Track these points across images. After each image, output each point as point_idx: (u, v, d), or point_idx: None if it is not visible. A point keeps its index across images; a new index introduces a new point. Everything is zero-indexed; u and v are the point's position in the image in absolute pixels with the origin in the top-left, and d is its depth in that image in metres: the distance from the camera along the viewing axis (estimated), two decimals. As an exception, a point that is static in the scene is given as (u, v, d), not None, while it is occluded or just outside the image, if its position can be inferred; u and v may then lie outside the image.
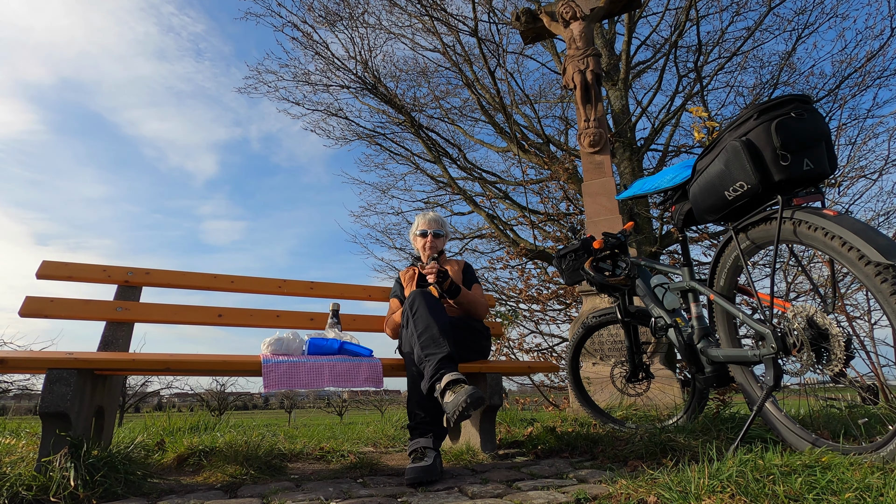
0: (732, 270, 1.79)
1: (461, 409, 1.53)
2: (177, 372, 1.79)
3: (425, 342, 1.81)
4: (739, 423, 2.03)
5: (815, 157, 1.44)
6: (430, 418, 1.81)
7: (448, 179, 8.84)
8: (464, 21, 8.25)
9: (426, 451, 1.70)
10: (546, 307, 6.97)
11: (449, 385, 1.63)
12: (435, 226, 2.64)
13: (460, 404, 1.54)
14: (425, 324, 1.87)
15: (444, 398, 1.62)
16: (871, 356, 2.90)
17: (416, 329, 1.87)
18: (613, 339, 3.55)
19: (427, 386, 1.72)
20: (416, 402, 1.84)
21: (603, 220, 3.98)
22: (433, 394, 1.70)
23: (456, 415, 1.54)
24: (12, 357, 1.53)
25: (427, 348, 1.79)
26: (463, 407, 1.53)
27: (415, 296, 1.99)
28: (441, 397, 1.64)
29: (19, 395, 8.82)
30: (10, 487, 1.33)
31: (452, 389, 1.61)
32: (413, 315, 1.92)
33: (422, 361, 1.79)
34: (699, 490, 1.10)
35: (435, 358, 1.74)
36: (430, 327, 1.85)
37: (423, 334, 1.84)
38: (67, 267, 2.12)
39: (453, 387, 1.62)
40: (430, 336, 1.83)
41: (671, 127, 8.20)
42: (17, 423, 2.99)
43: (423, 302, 1.95)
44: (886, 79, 7.14)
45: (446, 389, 1.63)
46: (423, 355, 1.79)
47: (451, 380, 1.64)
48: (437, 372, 1.70)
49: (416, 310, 1.93)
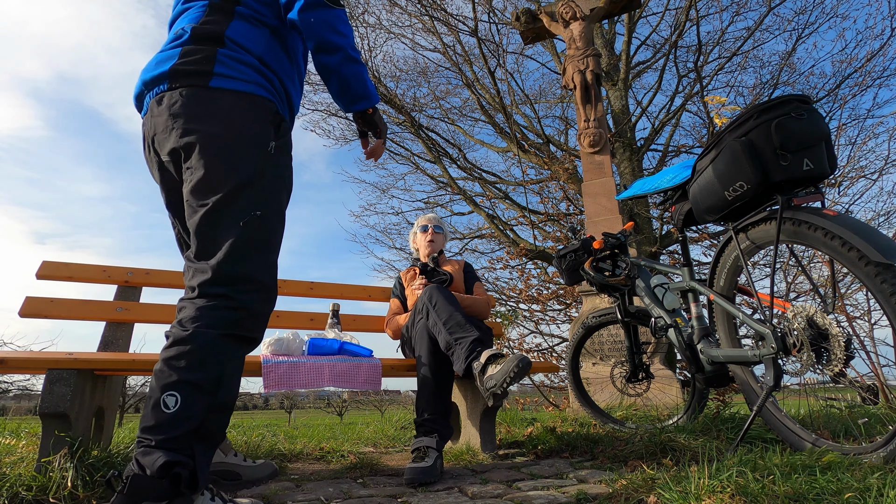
0: (732, 270, 1.79)
1: (512, 374, 1.59)
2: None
3: (452, 328, 1.85)
4: (739, 423, 2.03)
5: (814, 157, 1.44)
6: (437, 417, 1.83)
7: (448, 179, 8.85)
8: (464, 21, 8.25)
9: (428, 450, 1.71)
10: (546, 307, 6.97)
11: (490, 359, 1.68)
12: (436, 222, 2.68)
13: (511, 370, 1.59)
14: (448, 312, 1.91)
15: (486, 372, 1.66)
16: (871, 356, 2.91)
17: (440, 317, 1.89)
18: (613, 339, 3.55)
19: (463, 366, 1.75)
20: (426, 400, 1.85)
21: (603, 220, 3.98)
22: (470, 372, 1.73)
23: (507, 381, 1.59)
24: (12, 357, 1.53)
25: (455, 332, 1.83)
26: (515, 372, 1.59)
27: (432, 289, 2.02)
28: (481, 374, 1.68)
29: (19, 396, 8.82)
30: (10, 488, 1.33)
31: (496, 362, 1.66)
32: (434, 306, 1.95)
33: (450, 346, 1.82)
34: (699, 490, 1.10)
35: (467, 340, 1.79)
36: (454, 315, 1.90)
37: (448, 321, 1.87)
38: (67, 267, 2.12)
39: (496, 360, 1.67)
40: (457, 322, 1.87)
41: (671, 127, 8.21)
42: (17, 423, 3.00)
43: (441, 294, 2.00)
44: (886, 79, 7.15)
45: (487, 364, 1.67)
46: (451, 340, 1.82)
47: (492, 354, 1.69)
48: (473, 351, 1.75)
49: (435, 301, 1.96)
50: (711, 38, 8.21)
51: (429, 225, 2.67)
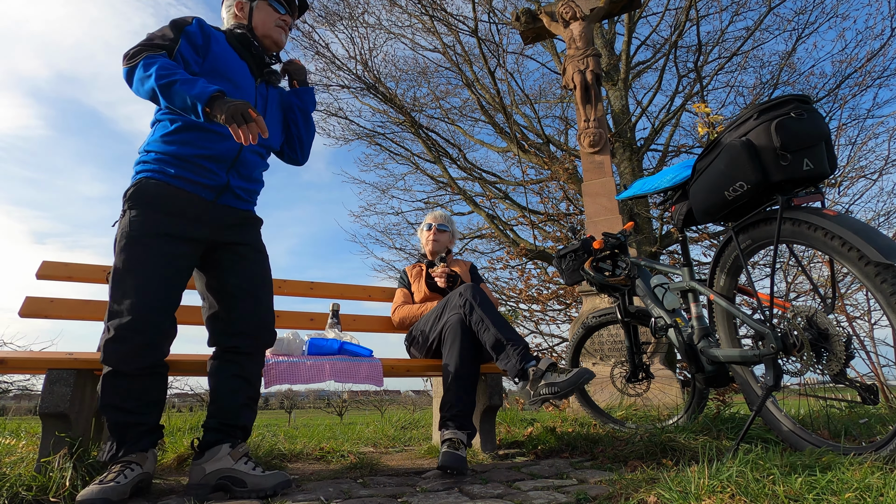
0: (732, 270, 1.79)
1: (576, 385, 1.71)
2: (177, 372, 1.79)
3: (504, 329, 1.93)
4: (739, 423, 2.03)
5: (814, 157, 1.44)
6: (467, 413, 1.89)
7: (448, 179, 8.85)
8: (464, 21, 8.26)
9: (460, 444, 1.77)
10: (546, 307, 6.97)
11: (550, 368, 1.78)
12: (440, 220, 2.68)
13: (575, 382, 1.71)
14: (495, 314, 1.98)
15: (545, 378, 1.76)
16: (871, 356, 2.91)
17: (488, 315, 1.96)
18: (613, 339, 3.55)
19: (518, 367, 1.83)
20: (455, 395, 1.89)
21: (603, 220, 3.98)
22: (525, 374, 1.82)
23: (570, 390, 1.71)
24: (12, 357, 1.53)
25: (507, 333, 1.91)
26: (579, 383, 1.71)
27: (475, 288, 2.07)
28: (539, 379, 1.77)
29: (19, 396, 8.81)
30: (10, 488, 1.33)
31: (557, 371, 1.76)
32: (478, 303, 2.00)
33: (502, 345, 1.90)
34: (699, 490, 1.10)
35: (521, 343, 1.89)
36: (501, 318, 1.97)
37: (497, 321, 1.95)
38: (67, 267, 2.12)
39: (554, 369, 1.78)
40: (507, 325, 1.95)
41: (671, 127, 8.21)
42: (17, 423, 2.99)
43: (483, 294, 2.05)
44: (886, 79, 7.16)
45: (547, 371, 1.77)
46: (504, 339, 1.90)
47: (552, 363, 1.80)
48: (527, 357, 1.85)
49: (480, 300, 2.02)
50: (711, 38, 8.23)
51: (432, 223, 2.67)
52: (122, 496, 1.32)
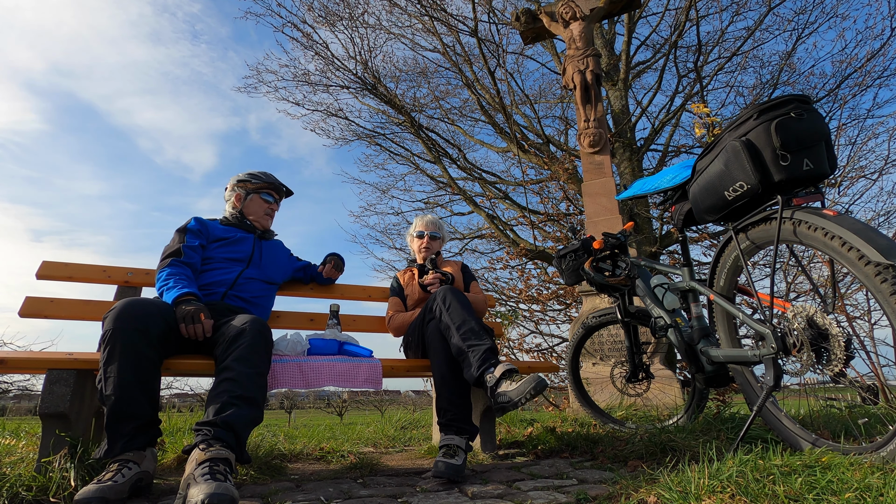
0: (732, 270, 1.79)
1: (528, 395, 1.60)
2: (177, 373, 1.78)
3: (465, 334, 1.83)
4: (739, 423, 2.03)
5: (814, 157, 1.44)
6: (463, 417, 1.82)
7: (448, 179, 8.84)
8: (464, 21, 8.25)
9: (458, 450, 1.72)
10: (546, 307, 6.97)
11: (505, 375, 1.68)
12: (432, 228, 2.66)
13: (527, 391, 1.59)
14: (462, 317, 1.88)
15: (500, 387, 1.65)
16: (871, 356, 2.90)
17: (453, 321, 1.87)
18: (613, 339, 3.55)
19: (475, 375, 1.73)
20: (448, 400, 1.84)
21: (603, 220, 3.98)
22: (482, 382, 1.72)
23: (522, 400, 1.60)
24: (12, 357, 1.53)
25: (469, 340, 1.81)
26: (531, 394, 1.60)
27: (447, 291, 2.00)
28: (494, 386, 1.67)
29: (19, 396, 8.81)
30: (10, 488, 1.33)
31: (510, 378, 1.66)
32: (447, 308, 1.93)
33: (462, 353, 1.81)
34: (699, 490, 1.10)
35: (480, 349, 1.78)
36: (468, 321, 1.87)
37: (461, 327, 1.85)
38: (67, 267, 2.12)
39: (510, 376, 1.67)
40: (470, 329, 1.84)
41: (671, 127, 8.20)
42: (17, 423, 2.99)
43: (455, 297, 1.97)
44: (886, 79, 7.14)
45: (502, 379, 1.67)
46: (464, 346, 1.80)
47: (507, 370, 1.69)
48: (486, 362, 1.74)
49: (449, 304, 1.94)
50: (711, 38, 8.21)
51: (425, 232, 2.65)
52: (119, 495, 1.31)
